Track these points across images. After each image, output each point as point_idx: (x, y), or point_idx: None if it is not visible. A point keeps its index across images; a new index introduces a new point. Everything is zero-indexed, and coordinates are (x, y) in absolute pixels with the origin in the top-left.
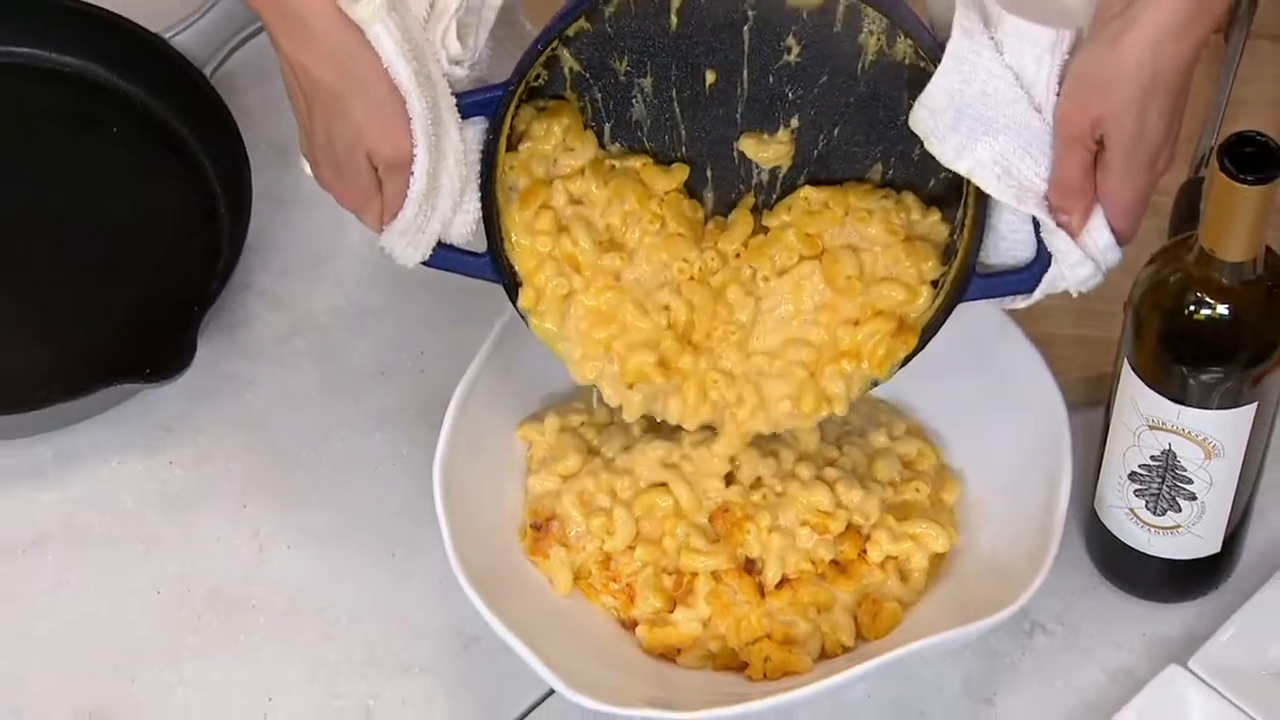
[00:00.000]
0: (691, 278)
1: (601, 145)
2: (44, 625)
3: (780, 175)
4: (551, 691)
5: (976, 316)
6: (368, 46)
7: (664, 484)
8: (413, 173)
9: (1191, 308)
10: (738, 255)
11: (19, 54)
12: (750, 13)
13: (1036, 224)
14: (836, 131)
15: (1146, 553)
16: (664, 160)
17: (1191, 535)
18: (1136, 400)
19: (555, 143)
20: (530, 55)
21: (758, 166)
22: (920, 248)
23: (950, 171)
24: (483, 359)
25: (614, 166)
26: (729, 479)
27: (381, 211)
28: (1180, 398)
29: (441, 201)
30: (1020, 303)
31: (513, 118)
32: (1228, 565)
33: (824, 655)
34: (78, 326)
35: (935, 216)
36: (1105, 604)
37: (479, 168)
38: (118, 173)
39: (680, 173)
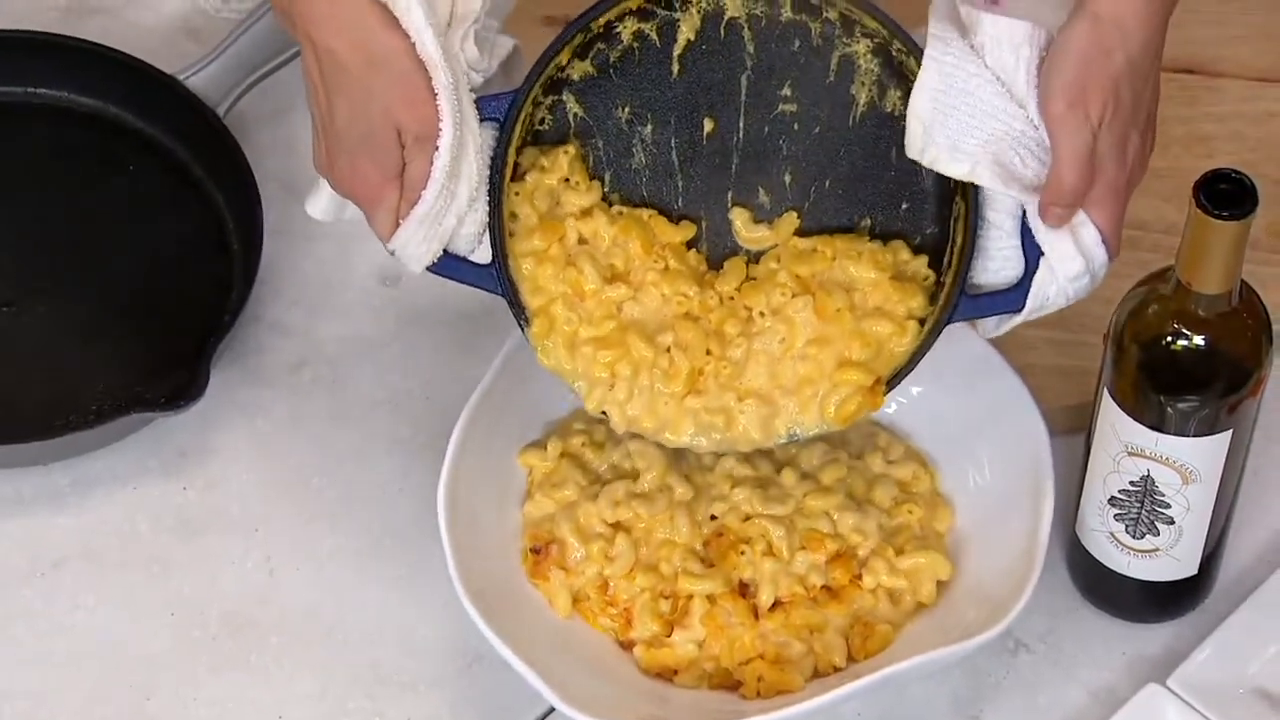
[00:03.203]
0: (688, 312)
1: (604, 198)
2: (62, 645)
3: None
4: (552, 709)
5: (963, 348)
6: (392, 26)
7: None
8: (438, 148)
9: (1169, 339)
10: (732, 298)
11: (39, 95)
12: (749, 61)
13: (1023, 234)
14: (827, 184)
15: (1126, 575)
16: (663, 207)
17: (1169, 558)
18: (1116, 428)
19: (560, 175)
20: (544, 59)
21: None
22: (908, 286)
23: (936, 226)
24: (485, 388)
25: (621, 212)
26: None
27: (398, 203)
28: (1158, 425)
29: (461, 190)
30: (1013, 321)
31: (518, 155)
32: (1205, 587)
33: (816, 675)
34: (95, 357)
35: (923, 261)
36: (1087, 624)
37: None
38: (134, 209)
39: (687, 230)
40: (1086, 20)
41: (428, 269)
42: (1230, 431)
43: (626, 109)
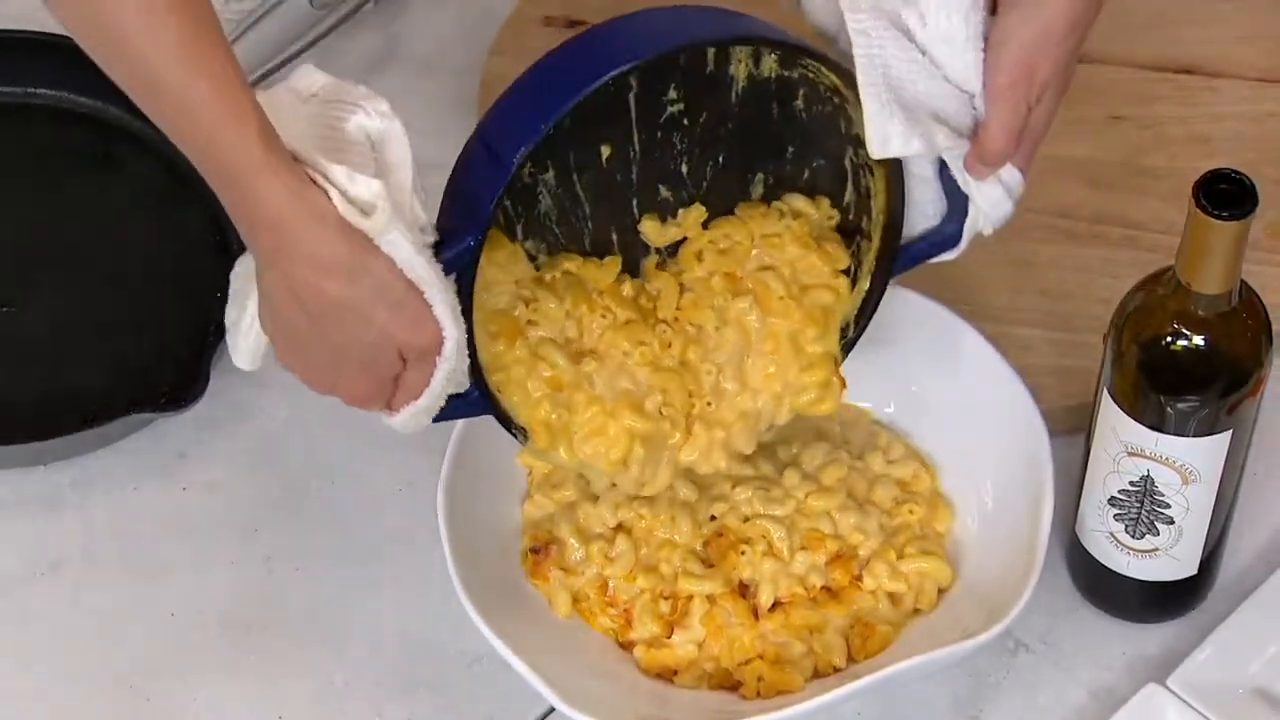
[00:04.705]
0: (653, 361)
1: (531, 258)
2: (61, 646)
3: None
4: (552, 709)
5: (963, 349)
6: (375, 252)
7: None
8: (440, 355)
9: (1169, 339)
10: (676, 319)
11: (39, 95)
12: (634, 81)
13: (942, 176)
14: (721, 159)
15: (1126, 575)
16: (574, 240)
17: (1169, 558)
18: (1116, 428)
19: (496, 270)
20: (494, 199)
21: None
22: (832, 249)
23: (822, 158)
24: None
25: (554, 277)
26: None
27: (392, 398)
28: (1158, 425)
29: (458, 366)
30: (947, 255)
31: None
32: (1204, 587)
33: (816, 675)
34: (95, 357)
35: (825, 204)
36: (1087, 624)
37: None
38: (133, 209)
39: (613, 265)
40: None
41: None
42: (1230, 431)
43: (527, 164)
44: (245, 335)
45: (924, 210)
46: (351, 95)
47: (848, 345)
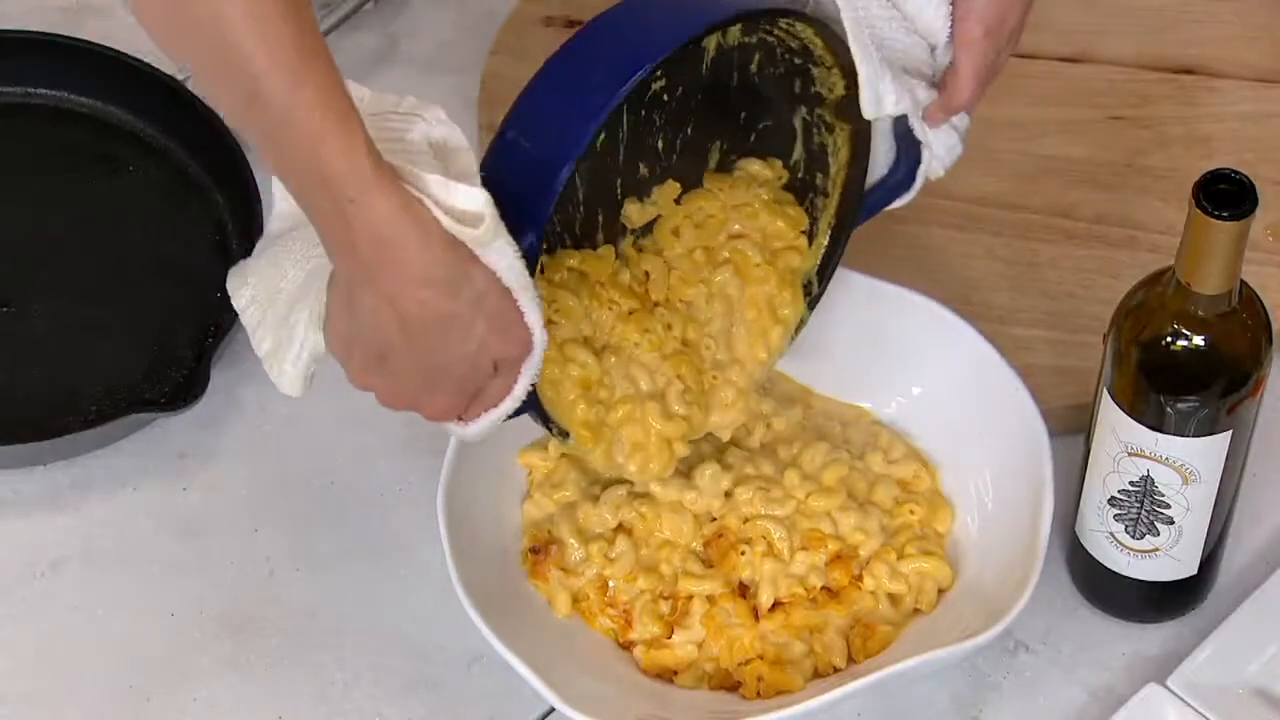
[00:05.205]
0: (659, 347)
1: None
2: (61, 646)
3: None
4: (552, 709)
5: (962, 348)
6: (476, 262)
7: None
8: (528, 361)
9: (1169, 339)
10: (667, 299)
11: (38, 95)
12: None
13: (897, 130)
14: (689, 131)
15: (1126, 575)
16: (567, 230)
17: (1169, 558)
18: (1116, 428)
19: None
20: (552, 200)
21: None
22: (795, 213)
23: (770, 119)
24: None
25: (562, 276)
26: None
27: (467, 410)
28: (1158, 425)
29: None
30: (901, 201)
31: None
32: (1204, 587)
33: (816, 675)
34: (95, 357)
35: (778, 165)
36: (1086, 624)
37: None
38: (134, 209)
39: (609, 254)
40: None
41: None
42: (1230, 432)
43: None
44: (294, 362)
45: (877, 160)
46: (403, 105)
47: (813, 302)
